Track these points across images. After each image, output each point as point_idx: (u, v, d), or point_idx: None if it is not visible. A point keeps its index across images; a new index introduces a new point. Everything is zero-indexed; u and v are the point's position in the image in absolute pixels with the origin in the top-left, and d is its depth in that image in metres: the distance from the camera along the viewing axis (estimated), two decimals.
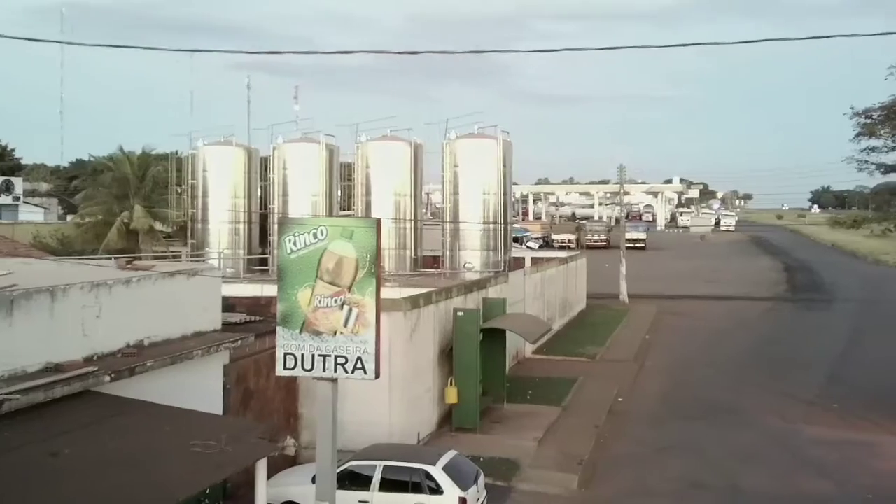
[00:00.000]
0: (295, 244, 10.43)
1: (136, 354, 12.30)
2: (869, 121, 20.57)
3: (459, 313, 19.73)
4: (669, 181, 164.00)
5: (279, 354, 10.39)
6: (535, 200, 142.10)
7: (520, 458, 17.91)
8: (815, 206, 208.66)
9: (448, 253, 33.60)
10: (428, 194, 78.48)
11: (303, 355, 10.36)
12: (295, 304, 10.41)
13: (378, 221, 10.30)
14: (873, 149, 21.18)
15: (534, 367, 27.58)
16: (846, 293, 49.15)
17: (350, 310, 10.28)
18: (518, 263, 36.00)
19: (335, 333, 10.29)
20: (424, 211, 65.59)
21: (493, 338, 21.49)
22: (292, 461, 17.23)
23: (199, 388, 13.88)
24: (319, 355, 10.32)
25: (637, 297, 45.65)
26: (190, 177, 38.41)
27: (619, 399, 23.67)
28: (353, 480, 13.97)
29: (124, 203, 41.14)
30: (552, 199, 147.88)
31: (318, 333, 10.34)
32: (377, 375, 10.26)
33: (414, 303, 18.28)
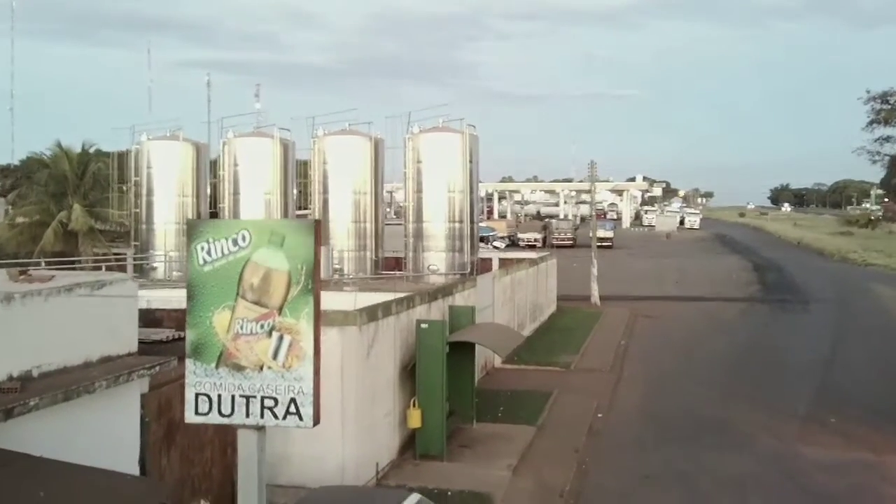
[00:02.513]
0: (209, 253, 8.13)
1: (21, 389, 9.85)
2: (886, 107, 18.52)
3: (423, 325, 17.49)
4: (633, 179, 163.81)
5: (189, 396, 8.08)
6: (499, 199, 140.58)
7: (493, 491, 15.73)
8: (786, 204, 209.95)
9: (411, 254, 31.47)
10: (391, 192, 76.21)
11: (220, 396, 8.06)
12: (209, 330, 8.11)
13: (317, 223, 8.05)
14: (888, 138, 19.21)
15: (504, 378, 25.48)
16: (820, 293, 47.89)
17: (281, 337, 8.00)
18: (485, 265, 33.96)
19: (261, 368, 8.01)
20: (388, 210, 63.35)
21: (461, 350, 19.29)
22: (231, 486, 14.94)
23: (108, 424, 11.43)
24: (241, 396, 8.04)
25: (608, 298, 43.90)
26: (133, 174, 35.86)
27: (599, 415, 21.64)
28: None
29: (62, 202, 38.19)
30: (517, 197, 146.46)
31: (239, 368, 8.05)
32: (316, 422, 8.00)
33: (371, 315, 15.98)
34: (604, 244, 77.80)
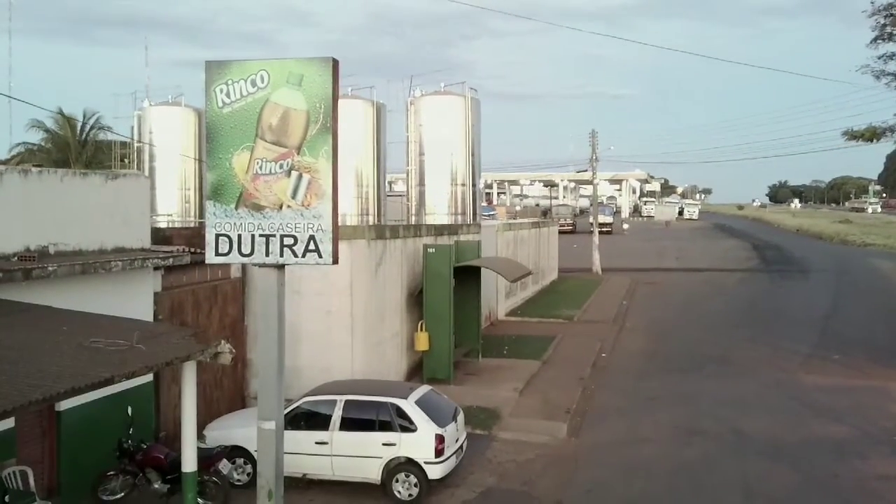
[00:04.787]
0: (228, 95, 8.21)
1: (37, 260, 10.01)
2: (890, 18, 18.40)
3: (430, 249, 17.60)
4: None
5: (209, 237, 8.17)
6: (498, 194, 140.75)
7: (500, 407, 15.89)
8: (795, 200, 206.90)
9: (414, 219, 31.55)
10: (391, 183, 76.12)
11: (240, 236, 8.13)
12: (228, 171, 8.18)
13: (334, 61, 8.15)
14: (892, 55, 19.04)
15: (507, 328, 25.63)
16: (820, 265, 48.08)
17: (300, 176, 8.09)
18: None
19: (281, 207, 8.09)
20: (388, 189, 63.30)
21: (467, 285, 19.44)
22: (241, 401, 15.15)
23: (122, 314, 11.60)
24: (261, 235, 8.11)
25: (610, 270, 44.15)
26: (135, 140, 35.90)
27: (603, 355, 21.79)
28: (309, 420, 11.82)
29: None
30: (515, 190, 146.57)
31: (258, 208, 8.13)
32: (335, 259, 8.09)
33: (379, 233, 16.14)
34: (603, 229, 77.99)
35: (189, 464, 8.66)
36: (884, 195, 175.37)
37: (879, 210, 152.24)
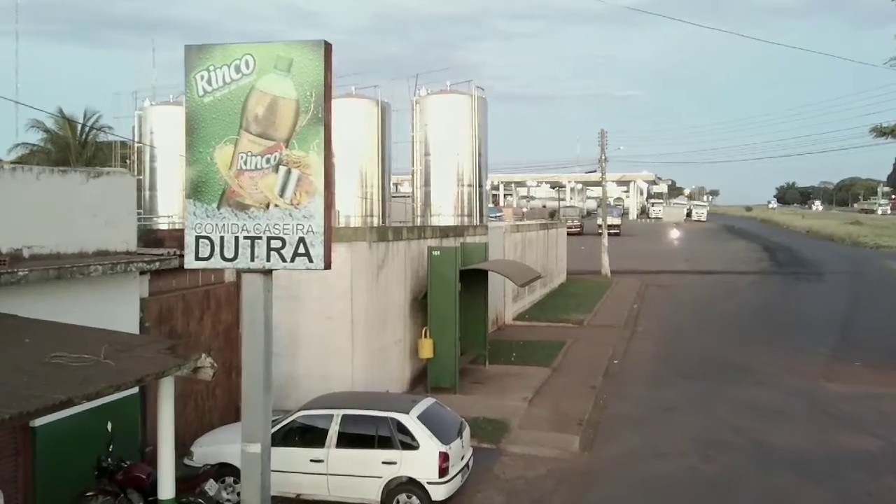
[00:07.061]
0: (209, 82, 7.44)
1: (9, 264, 9.25)
2: None
3: (435, 252, 16.81)
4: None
5: (189, 239, 7.41)
6: (505, 195, 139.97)
7: (508, 418, 15.08)
8: (818, 202, 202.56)
9: (419, 220, 30.81)
10: (396, 184, 75.49)
11: (222, 239, 7.37)
12: (210, 167, 7.42)
13: (326, 44, 7.37)
14: None
15: (515, 332, 24.83)
16: (833, 267, 47.14)
17: (288, 172, 7.32)
18: None
19: (267, 206, 7.32)
20: (393, 190, 62.73)
21: (474, 290, 18.63)
22: (235, 412, 14.39)
23: (105, 322, 10.84)
24: (246, 238, 7.35)
25: (619, 272, 43.29)
26: (136, 140, 35.24)
27: (615, 361, 20.96)
28: (304, 435, 11.03)
29: None
30: (522, 191, 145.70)
31: (243, 207, 7.37)
32: (327, 264, 7.32)
33: (381, 234, 15.36)
34: (611, 231, 77.07)
35: (166, 490, 7.89)
36: (892, 196, 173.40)
37: (889, 211, 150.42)
